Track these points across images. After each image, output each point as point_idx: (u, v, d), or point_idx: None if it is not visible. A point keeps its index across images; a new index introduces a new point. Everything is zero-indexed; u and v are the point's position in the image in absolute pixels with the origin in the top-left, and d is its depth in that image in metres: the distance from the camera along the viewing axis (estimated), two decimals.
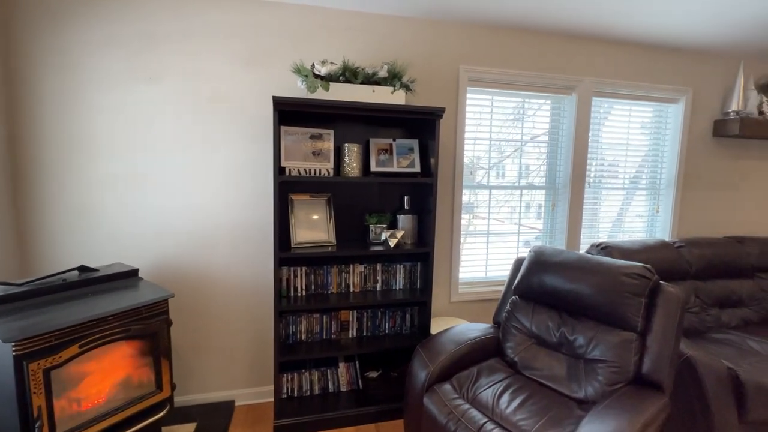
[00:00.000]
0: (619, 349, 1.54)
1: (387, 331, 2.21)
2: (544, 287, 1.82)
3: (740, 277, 2.52)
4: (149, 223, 1.98)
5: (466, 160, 2.45)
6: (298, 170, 1.89)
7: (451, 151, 2.36)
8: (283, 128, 1.92)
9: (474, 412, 1.45)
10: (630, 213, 2.90)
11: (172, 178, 1.98)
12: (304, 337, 2.09)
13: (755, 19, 2.22)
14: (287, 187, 2.07)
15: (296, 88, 2.04)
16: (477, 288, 2.55)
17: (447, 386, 1.61)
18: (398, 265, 2.19)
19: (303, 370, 2.12)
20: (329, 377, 2.16)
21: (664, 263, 2.34)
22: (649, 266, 1.62)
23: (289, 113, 1.95)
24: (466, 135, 2.42)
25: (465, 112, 2.33)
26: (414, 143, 2.11)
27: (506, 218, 2.65)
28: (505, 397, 1.53)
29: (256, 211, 2.11)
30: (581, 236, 2.71)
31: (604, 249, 2.33)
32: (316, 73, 1.85)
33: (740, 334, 2.14)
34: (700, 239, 2.57)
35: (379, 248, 2.01)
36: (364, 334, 2.17)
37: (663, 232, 2.89)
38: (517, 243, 2.63)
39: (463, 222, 2.52)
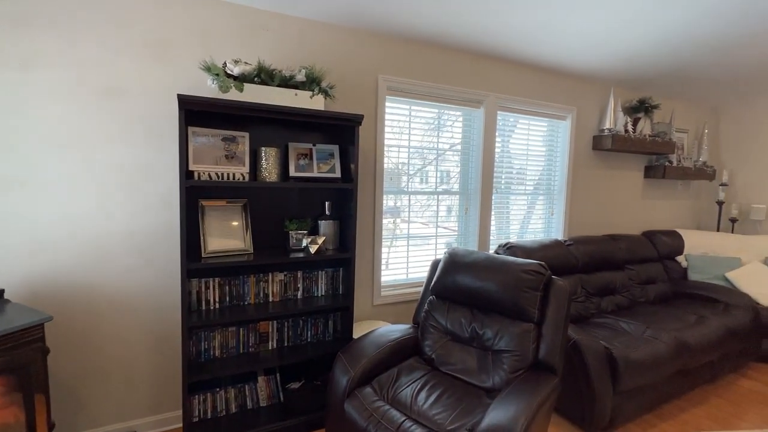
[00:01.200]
0: (520, 339, 1.72)
1: (309, 340, 2.16)
2: (458, 286, 1.95)
3: (614, 269, 2.98)
4: (19, 236, 1.67)
5: (390, 165, 2.53)
6: (209, 174, 1.76)
7: (372, 157, 2.41)
8: (191, 129, 1.77)
9: (393, 412, 1.49)
10: (534, 215, 3.26)
11: (52, 183, 1.71)
12: (218, 353, 1.95)
13: (618, 54, 2.66)
14: (197, 193, 1.92)
15: (206, 87, 1.91)
16: (399, 290, 2.64)
17: (368, 389, 1.63)
18: (320, 272, 2.16)
19: (218, 389, 1.97)
20: (247, 393, 2.04)
21: (557, 259, 2.67)
22: (543, 263, 1.83)
23: (198, 113, 1.81)
24: (389, 142, 2.49)
25: (384, 120, 2.41)
26: (334, 149, 2.12)
27: (431, 222, 2.79)
28: (423, 394, 1.60)
29: (159, 218, 1.92)
30: (492, 237, 2.97)
31: (509, 249, 2.58)
32: (229, 72, 1.75)
33: (614, 318, 2.53)
34: (585, 238, 2.98)
35: (300, 255, 1.96)
36: (285, 344, 2.10)
37: (557, 232, 3.29)
38: (435, 245, 2.78)
39: (391, 225, 2.61)
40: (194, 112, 1.77)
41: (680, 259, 3.44)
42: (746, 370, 2.79)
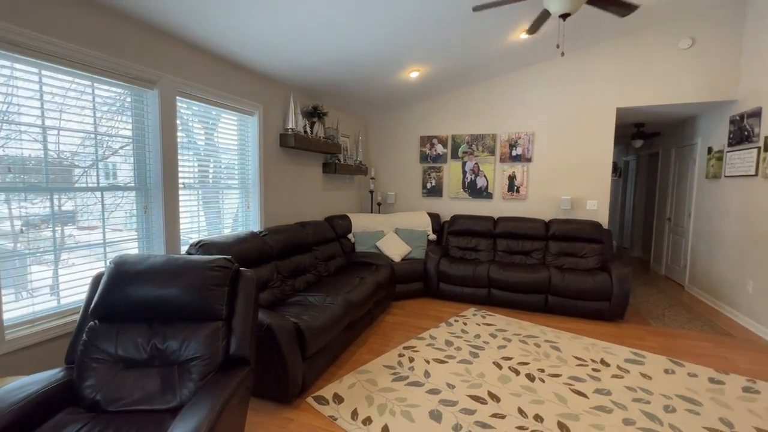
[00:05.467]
0: (209, 340, 1.63)
1: None
2: (130, 301, 1.61)
3: (304, 252, 3.42)
4: None
5: (37, 153, 1.73)
6: None
7: None
8: None
9: None
10: (242, 209, 3.23)
11: None
12: None
13: (293, 62, 3.01)
14: None
15: None
16: (44, 324, 1.92)
17: None
18: None
19: None
20: None
21: (254, 251, 2.75)
22: (229, 257, 1.81)
23: None
24: (27, 119, 1.71)
25: None
26: None
27: (118, 225, 2.16)
28: None
29: None
30: (200, 235, 2.70)
31: (202, 247, 2.42)
32: None
33: (305, 294, 2.90)
34: (279, 227, 3.23)
35: None
36: None
37: (255, 225, 3.40)
38: (105, 255, 2.21)
39: (57, 236, 1.87)
40: None
41: (350, 236, 4.41)
42: (389, 308, 3.95)
